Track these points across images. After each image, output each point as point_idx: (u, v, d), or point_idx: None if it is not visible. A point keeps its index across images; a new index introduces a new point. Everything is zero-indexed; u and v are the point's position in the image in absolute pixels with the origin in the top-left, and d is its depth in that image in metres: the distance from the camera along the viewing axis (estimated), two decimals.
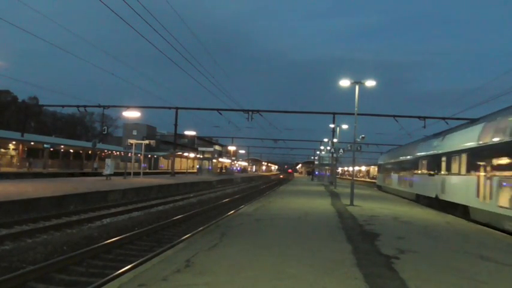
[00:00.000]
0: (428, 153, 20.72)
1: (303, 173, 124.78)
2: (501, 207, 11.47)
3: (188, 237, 9.97)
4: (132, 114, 38.50)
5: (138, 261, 7.51)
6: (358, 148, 20.17)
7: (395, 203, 19.92)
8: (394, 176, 30.37)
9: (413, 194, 23.17)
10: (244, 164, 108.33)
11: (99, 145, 53.99)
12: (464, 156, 15.20)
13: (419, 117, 36.76)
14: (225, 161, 76.98)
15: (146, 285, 4.66)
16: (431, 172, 19.48)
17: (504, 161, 11.87)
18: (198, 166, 60.47)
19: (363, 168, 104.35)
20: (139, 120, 60.60)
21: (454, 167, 16.28)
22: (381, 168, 37.08)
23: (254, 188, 39.63)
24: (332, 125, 38.78)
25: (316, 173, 59.54)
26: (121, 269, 7.04)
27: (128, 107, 38.51)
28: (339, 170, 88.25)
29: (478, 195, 13.41)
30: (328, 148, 37.09)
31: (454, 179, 16.32)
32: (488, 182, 12.65)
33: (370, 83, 18.50)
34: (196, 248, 6.85)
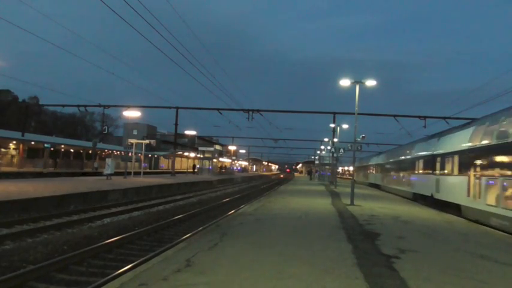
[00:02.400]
0: (373, 162, 43.73)
1: (303, 173, 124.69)
2: (382, 182, 35.99)
3: (188, 236, 9.99)
4: (132, 113, 38.50)
5: (139, 261, 7.51)
6: (359, 148, 20.15)
7: (396, 202, 19.94)
8: (361, 173, 54.27)
9: (367, 183, 45.03)
10: (245, 163, 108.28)
11: (100, 145, 53.97)
12: (378, 166, 38.47)
13: (419, 117, 36.71)
14: (225, 160, 76.99)
15: (147, 285, 4.67)
16: (373, 172, 42.23)
17: (379, 169, 38.13)
18: (198, 166, 60.30)
19: None
20: (140, 119, 60.50)
21: (377, 170, 38.96)
22: (356, 169, 56.36)
23: (254, 187, 39.62)
24: (332, 125, 38.76)
25: (318, 172, 59.32)
26: (122, 268, 7.05)
27: (128, 107, 38.52)
28: (339, 169, 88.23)
29: (381, 180, 35.91)
30: (329, 148, 37.05)
31: (377, 175, 38.96)
32: (379, 175, 37.46)
33: (370, 83, 18.47)
34: (197, 247, 6.86)
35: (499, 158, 12.10)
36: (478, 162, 13.62)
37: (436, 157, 18.70)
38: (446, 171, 17.32)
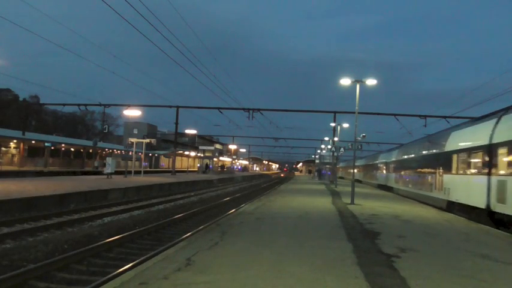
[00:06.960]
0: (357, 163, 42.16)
1: (303, 172, 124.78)
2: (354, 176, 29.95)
3: (189, 235, 9.98)
4: (132, 112, 38.49)
5: (139, 260, 7.52)
6: (359, 147, 20.14)
7: (396, 201, 19.92)
8: (343, 172, 64.10)
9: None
10: (245, 162, 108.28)
11: (100, 144, 53.99)
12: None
13: (419, 116, 36.67)
14: (225, 159, 76.99)
15: (147, 284, 4.67)
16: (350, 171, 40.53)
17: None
18: (201, 165, 60.19)
19: None
20: (140, 118, 60.49)
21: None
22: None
23: (255, 186, 39.62)
24: (333, 124, 38.75)
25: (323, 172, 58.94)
26: (122, 267, 7.05)
27: (128, 106, 38.51)
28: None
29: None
30: (329, 147, 37.05)
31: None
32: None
33: (370, 82, 18.44)
34: (197, 246, 6.86)
35: None
36: None
37: None
38: None
